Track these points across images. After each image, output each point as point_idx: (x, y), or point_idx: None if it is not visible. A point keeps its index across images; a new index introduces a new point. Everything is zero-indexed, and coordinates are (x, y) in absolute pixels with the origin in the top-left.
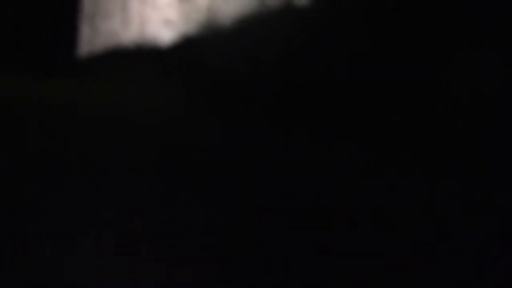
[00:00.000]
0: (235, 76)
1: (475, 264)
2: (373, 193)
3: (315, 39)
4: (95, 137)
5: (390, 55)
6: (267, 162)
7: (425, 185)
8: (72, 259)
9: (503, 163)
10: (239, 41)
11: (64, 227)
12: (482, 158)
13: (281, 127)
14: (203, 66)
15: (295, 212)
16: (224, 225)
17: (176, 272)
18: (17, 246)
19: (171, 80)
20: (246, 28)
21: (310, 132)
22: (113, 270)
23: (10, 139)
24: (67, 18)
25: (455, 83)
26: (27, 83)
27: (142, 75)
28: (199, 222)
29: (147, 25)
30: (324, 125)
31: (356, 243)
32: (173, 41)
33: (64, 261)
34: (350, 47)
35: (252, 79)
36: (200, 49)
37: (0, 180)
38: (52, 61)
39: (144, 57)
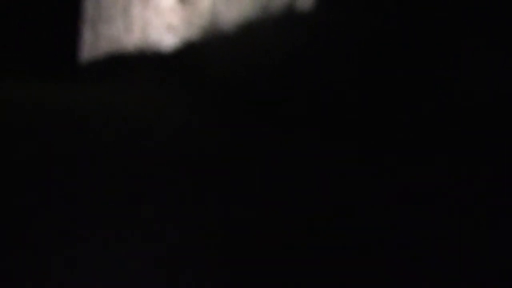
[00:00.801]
0: (238, 80)
1: (476, 269)
2: (375, 194)
3: (318, 44)
4: (96, 143)
5: (394, 58)
6: (271, 166)
7: (426, 185)
8: (76, 262)
9: (505, 165)
10: (241, 46)
11: (67, 232)
12: (484, 159)
13: (286, 132)
14: (205, 71)
15: (299, 213)
16: (228, 227)
17: (182, 276)
18: (19, 251)
19: (173, 85)
20: (249, 33)
21: (314, 136)
22: (117, 273)
23: (8, 144)
24: (69, 22)
25: (459, 84)
26: (28, 86)
27: (144, 80)
28: (204, 225)
29: (149, 30)
30: (328, 129)
31: (358, 244)
32: (175, 46)
33: (66, 264)
34: (353, 51)
35: (255, 84)
36: (203, 54)
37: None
38: (54, 65)
39: (146, 62)
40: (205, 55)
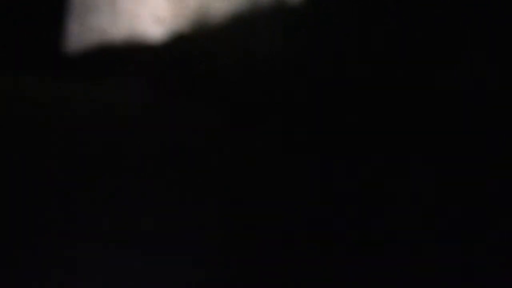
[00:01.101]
0: (228, 74)
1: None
2: (377, 194)
3: (309, 38)
4: (85, 139)
5: (386, 54)
6: (263, 168)
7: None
8: (76, 263)
9: (500, 165)
10: (231, 38)
11: (66, 232)
12: (480, 159)
13: (278, 130)
14: (194, 64)
15: (299, 213)
16: (227, 227)
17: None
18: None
19: (161, 78)
20: (239, 25)
21: (307, 136)
22: (117, 274)
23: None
24: (54, 12)
25: (451, 82)
26: (10, 80)
27: (131, 73)
28: (204, 225)
29: (137, 22)
30: (321, 128)
31: (364, 245)
32: (164, 38)
33: (65, 265)
34: (345, 47)
35: (244, 79)
36: (192, 46)
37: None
38: (38, 58)
39: (134, 54)
40: (194, 48)
